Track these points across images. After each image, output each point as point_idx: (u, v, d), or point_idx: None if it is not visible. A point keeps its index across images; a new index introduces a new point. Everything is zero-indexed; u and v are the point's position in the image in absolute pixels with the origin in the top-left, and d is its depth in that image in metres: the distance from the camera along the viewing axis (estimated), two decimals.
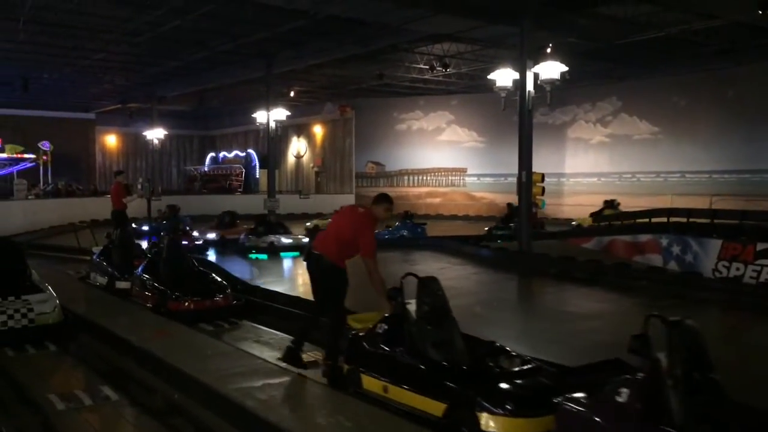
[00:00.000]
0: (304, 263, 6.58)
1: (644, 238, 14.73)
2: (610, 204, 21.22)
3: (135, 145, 38.71)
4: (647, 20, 17.02)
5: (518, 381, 4.78)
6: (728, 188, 22.41)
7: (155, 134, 30.79)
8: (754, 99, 22.07)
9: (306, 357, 7.14)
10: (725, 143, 23.01)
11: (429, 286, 5.54)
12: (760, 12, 14.12)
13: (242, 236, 17.54)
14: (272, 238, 16.98)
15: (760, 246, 11.44)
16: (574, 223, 21.93)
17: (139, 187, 15.16)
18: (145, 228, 18.29)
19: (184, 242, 14.88)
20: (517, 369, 4.99)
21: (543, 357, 6.64)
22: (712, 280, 11.59)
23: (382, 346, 5.48)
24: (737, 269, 11.54)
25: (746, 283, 11.17)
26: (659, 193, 24.17)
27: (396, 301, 5.65)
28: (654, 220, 15.88)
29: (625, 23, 17.08)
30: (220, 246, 17.85)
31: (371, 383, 5.40)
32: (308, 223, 22.56)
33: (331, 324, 6.30)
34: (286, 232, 17.70)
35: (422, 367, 5.08)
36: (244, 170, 36.88)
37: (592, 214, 21.13)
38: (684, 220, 14.78)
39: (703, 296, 10.64)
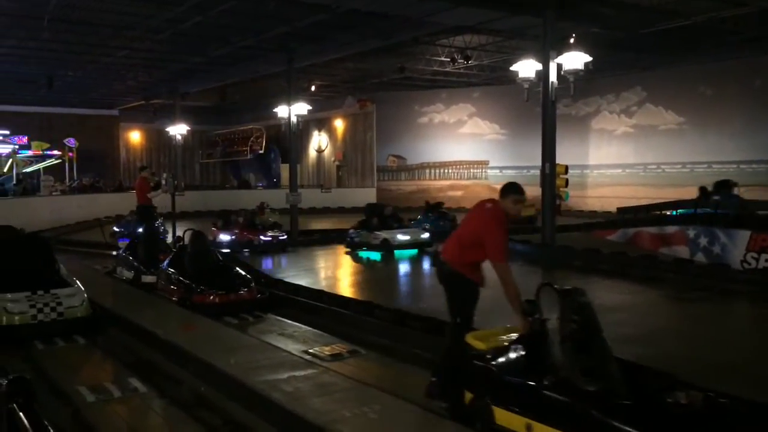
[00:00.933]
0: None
1: (671, 229, 14.53)
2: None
3: (158, 141, 39.06)
4: (673, 8, 16.73)
5: (708, 423, 3.84)
6: (756, 179, 22.01)
7: (178, 130, 31.01)
8: None
9: (330, 350, 7.19)
10: (752, 133, 22.58)
11: (575, 299, 4.55)
12: None
13: (351, 231, 16.38)
14: (385, 234, 15.53)
15: None
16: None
17: (163, 182, 15.26)
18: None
19: (267, 239, 16.07)
20: (701, 407, 3.95)
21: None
22: (740, 272, 11.40)
23: (519, 373, 4.50)
24: (766, 260, 11.33)
25: None
26: (685, 185, 23.74)
27: (533, 318, 4.70)
28: (680, 210, 15.65)
29: (650, 12, 16.82)
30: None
31: (508, 419, 4.44)
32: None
33: (449, 342, 5.41)
34: (402, 226, 16.27)
35: (581, 401, 4.02)
36: (264, 132, 36.61)
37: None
38: (712, 211, 14.56)
39: (732, 288, 10.48)
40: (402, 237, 15.53)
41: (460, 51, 21.99)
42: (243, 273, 9.98)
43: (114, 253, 13.38)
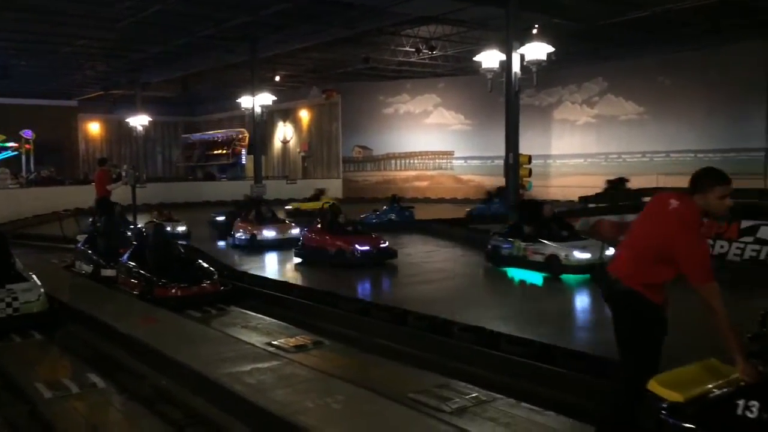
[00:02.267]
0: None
1: (631, 218, 14.78)
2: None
3: (119, 132, 38.28)
4: (633, 0, 17.00)
5: None
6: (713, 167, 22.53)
7: (139, 121, 30.48)
8: (739, 78, 22.13)
9: (294, 341, 7.17)
10: (710, 123, 23.11)
11: None
12: None
13: (495, 237, 12.10)
14: (556, 247, 10.78)
15: (744, 224, 11.52)
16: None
17: (123, 174, 14.96)
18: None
19: (365, 248, 11.99)
20: None
21: (531, 337, 6.71)
22: None
23: None
24: (721, 247, 11.62)
25: (730, 260, 11.26)
26: (645, 173, 24.25)
27: (763, 361, 3.35)
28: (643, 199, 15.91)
29: (611, 3, 17.07)
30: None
31: None
32: (288, 206, 22.44)
33: (622, 386, 3.89)
34: (575, 237, 11.24)
35: None
36: (247, 134, 35.91)
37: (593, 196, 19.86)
38: None
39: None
40: (581, 255, 10.55)
41: (425, 41, 22.01)
42: (206, 265, 9.87)
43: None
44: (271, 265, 13.50)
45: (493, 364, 6.29)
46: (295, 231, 14.95)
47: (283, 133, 36.41)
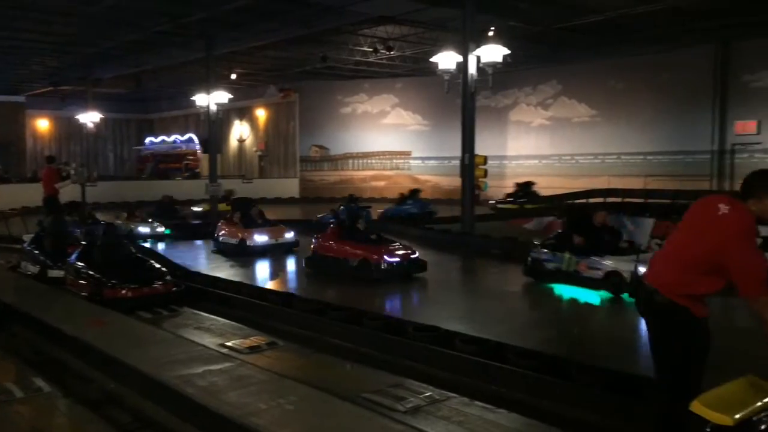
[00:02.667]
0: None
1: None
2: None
3: (68, 130, 37.27)
4: (587, 4, 17.33)
5: None
6: (662, 169, 23.20)
7: (90, 118, 29.72)
8: (687, 83, 22.82)
9: (248, 342, 7.08)
10: (659, 126, 23.75)
11: None
12: None
13: (538, 249, 10.55)
14: (613, 261, 9.22)
15: None
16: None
17: (72, 172, 14.57)
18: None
19: (394, 259, 10.54)
20: None
21: (489, 336, 6.78)
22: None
23: None
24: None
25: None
26: (597, 175, 24.81)
27: None
28: (591, 200, 16.30)
29: (565, 7, 17.38)
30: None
31: None
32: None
33: (664, 408, 3.58)
34: (633, 249, 9.67)
35: None
36: (200, 150, 35.54)
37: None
38: (619, 200, 15.22)
39: None
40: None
41: (383, 41, 22.05)
42: (157, 266, 9.68)
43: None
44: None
45: (449, 364, 6.34)
46: (289, 235, 14.08)
47: (240, 131, 36.01)
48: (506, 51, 14.49)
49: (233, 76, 28.48)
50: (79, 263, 9.50)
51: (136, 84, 30.05)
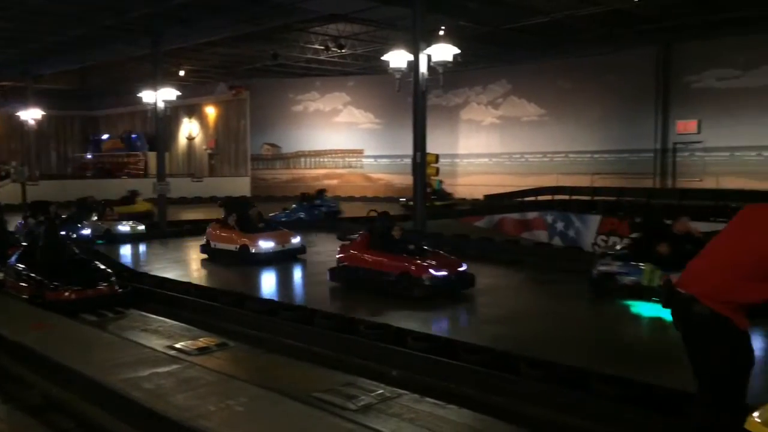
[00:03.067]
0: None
1: (531, 215, 15.40)
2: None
3: (8, 127, 35.90)
4: (534, 5, 17.64)
5: None
6: (608, 167, 23.79)
7: (31, 115, 28.72)
8: (631, 83, 23.46)
9: (197, 344, 6.97)
10: (605, 125, 24.34)
11: None
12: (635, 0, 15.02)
13: (607, 261, 9.14)
14: None
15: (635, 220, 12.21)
16: None
17: (12, 171, 14.06)
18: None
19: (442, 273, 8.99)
20: None
21: (441, 335, 6.84)
22: (591, 254, 12.29)
23: None
24: (614, 242, 12.28)
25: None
26: (546, 173, 25.29)
27: None
28: (540, 197, 16.61)
29: (514, 8, 17.64)
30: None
31: None
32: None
33: (706, 423, 3.32)
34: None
35: None
36: (145, 158, 34.71)
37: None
38: (567, 197, 15.57)
39: (583, 269, 11.23)
40: None
41: (334, 39, 21.99)
42: (102, 266, 9.43)
43: None
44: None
45: (401, 362, 6.37)
46: (296, 240, 12.79)
47: (189, 129, 35.37)
48: (456, 50, 14.62)
49: (182, 73, 27.99)
50: (20, 265, 9.19)
51: (81, 80, 29.24)
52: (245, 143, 32.58)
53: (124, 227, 16.25)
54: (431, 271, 9.06)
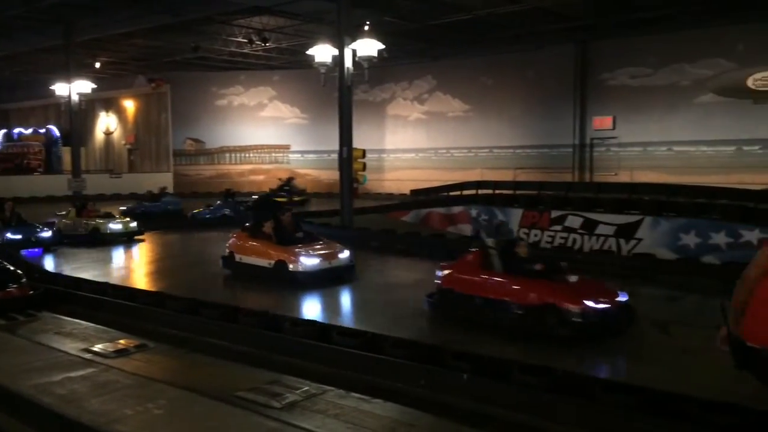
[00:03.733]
0: None
1: (456, 209, 15.63)
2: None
3: None
4: (457, 3, 17.88)
5: None
6: (529, 162, 24.45)
7: None
8: (551, 80, 24.15)
9: (114, 346, 6.71)
10: (527, 121, 24.98)
11: None
12: None
13: None
14: None
15: (554, 213, 12.62)
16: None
17: None
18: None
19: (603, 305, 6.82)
20: None
21: (368, 329, 6.84)
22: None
23: None
24: (535, 235, 12.64)
25: (543, 248, 12.28)
26: (471, 167, 25.75)
27: None
28: (465, 192, 16.89)
29: (438, 4, 17.82)
30: None
31: None
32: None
33: None
34: None
35: None
36: (44, 148, 33.22)
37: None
38: (491, 191, 15.90)
39: None
40: None
41: (258, 33, 21.62)
42: (11, 268, 8.94)
43: None
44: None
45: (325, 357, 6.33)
46: (345, 255, 10.39)
47: (106, 123, 34.05)
48: (381, 46, 14.66)
49: (97, 65, 26.88)
50: None
51: None
52: (167, 138, 31.65)
53: (116, 225, 15.09)
54: (587, 302, 6.89)
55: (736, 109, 20.16)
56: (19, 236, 13.58)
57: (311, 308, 9.17)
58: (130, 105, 32.94)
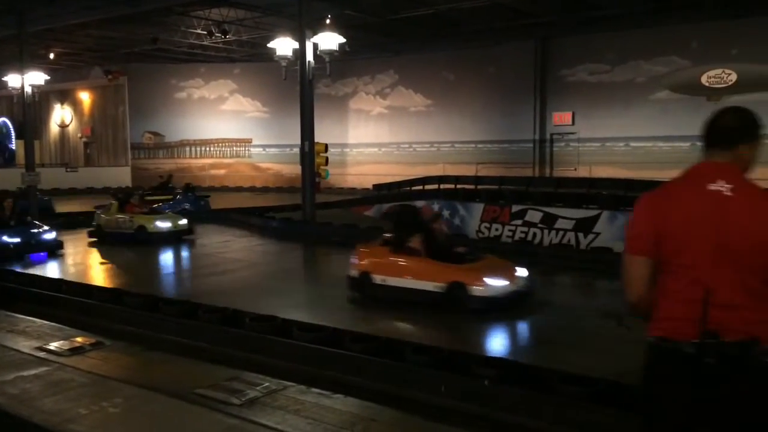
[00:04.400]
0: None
1: (419, 203, 15.67)
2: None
3: None
4: None
5: None
6: (491, 157, 24.68)
7: None
8: (511, 75, 24.41)
9: (69, 344, 6.56)
10: (488, 116, 25.20)
11: None
12: None
13: None
14: None
15: (514, 208, 12.77)
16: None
17: None
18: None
19: None
20: None
21: (327, 324, 6.82)
22: (476, 241, 12.72)
23: None
24: (496, 230, 12.78)
25: (503, 242, 12.42)
26: (433, 162, 25.86)
27: None
28: (427, 187, 16.97)
29: None
30: None
31: None
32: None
33: None
34: None
35: None
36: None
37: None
38: (453, 186, 16.01)
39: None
40: None
41: (217, 24, 21.33)
42: None
43: None
44: None
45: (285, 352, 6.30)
46: (523, 273, 8.41)
47: (61, 116, 33.21)
48: (342, 39, 14.63)
49: (51, 56, 26.16)
50: None
51: None
52: (125, 131, 31.03)
53: (164, 223, 13.79)
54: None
55: (690, 106, 20.65)
56: (17, 239, 12.11)
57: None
58: (86, 97, 32.17)
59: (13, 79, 20.79)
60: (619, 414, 4.50)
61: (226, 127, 30.81)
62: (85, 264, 12.81)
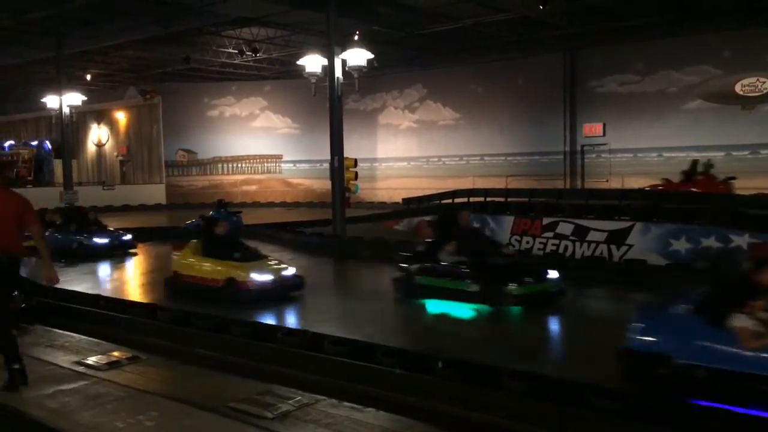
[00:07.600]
0: None
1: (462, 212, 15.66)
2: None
3: None
4: (444, 11, 18.00)
5: None
6: (521, 169, 24.57)
7: None
8: (540, 87, 24.33)
9: (106, 358, 6.70)
10: (517, 128, 25.13)
11: None
12: (541, 6, 15.64)
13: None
14: None
15: (545, 221, 12.68)
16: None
17: None
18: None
19: None
20: None
21: (358, 338, 6.86)
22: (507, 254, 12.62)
23: None
24: (527, 242, 12.69)
25: (535, 254, 12.33)
26: (463, 175, 25.84)
27: None
28: (457, 200, 16.94)
29: (425, 13, 17.95)
30: None
31: None
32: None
33: None
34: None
35: None
36: (33, 157, 33.06)
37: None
38: (482, 199, 15.95)
39: None
40: None
41: (248, 43, 21.69)
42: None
43: None
44: None
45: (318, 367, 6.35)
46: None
47: (98, 135, 34.01)
48: (370, 55, 14.76)
49: (88, 77, 26.88)
50: None
51: None
52: (159, 149, 31.65)
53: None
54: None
55: (724, 115, 20.35)
56: (105, 240, 14.60)
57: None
58: (121, 116, 32.93)
59: (51, 101, 21.43)
60: None
61: (258, 143, 31.22)
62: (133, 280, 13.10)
